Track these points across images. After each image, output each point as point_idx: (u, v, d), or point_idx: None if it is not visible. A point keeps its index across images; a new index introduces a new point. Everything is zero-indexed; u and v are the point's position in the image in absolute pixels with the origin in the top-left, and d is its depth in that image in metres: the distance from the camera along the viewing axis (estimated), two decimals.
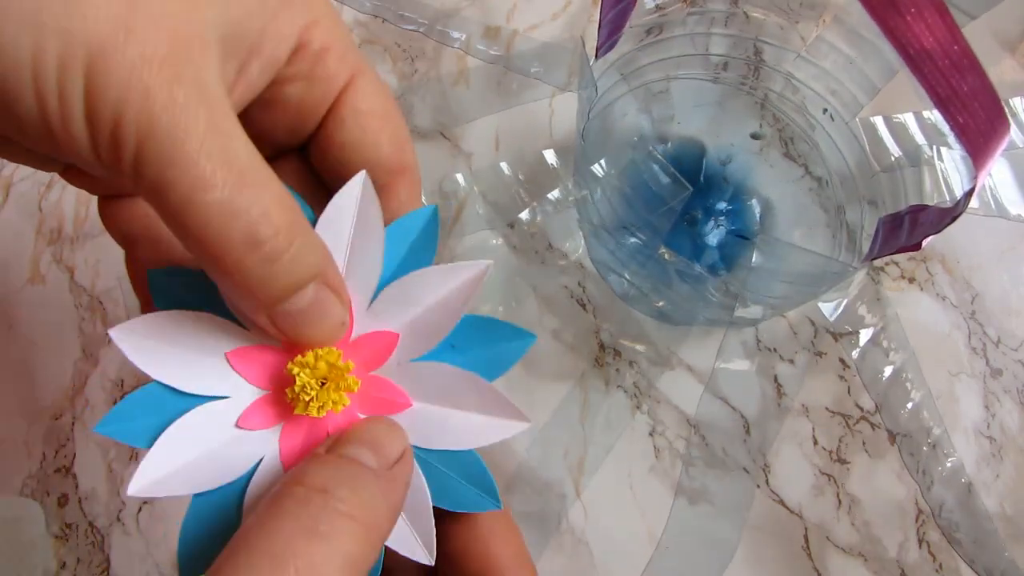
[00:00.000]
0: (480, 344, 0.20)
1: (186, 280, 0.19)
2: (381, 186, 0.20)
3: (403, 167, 0.21)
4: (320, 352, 0.19)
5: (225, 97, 0.15)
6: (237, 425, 0.19)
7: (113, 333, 0.18)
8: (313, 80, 0.19)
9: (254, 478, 0.19)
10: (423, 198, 0.41)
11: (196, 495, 0.19)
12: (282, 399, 0.19)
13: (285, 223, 0.16)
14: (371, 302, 0.20)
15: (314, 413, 0.19)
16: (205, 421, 0.19)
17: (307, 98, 0.19)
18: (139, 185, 0.15)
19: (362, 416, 0.20)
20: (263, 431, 0.20)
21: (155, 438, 0.18)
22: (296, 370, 0.19)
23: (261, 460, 0.20)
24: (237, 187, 0.15)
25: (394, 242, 0.20)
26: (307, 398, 0.19)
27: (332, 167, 0.21)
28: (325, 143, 0.20)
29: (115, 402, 0.40)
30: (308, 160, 0.22)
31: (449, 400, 0.20)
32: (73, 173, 0.19)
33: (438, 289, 0.20)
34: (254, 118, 0.19)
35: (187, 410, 0.19)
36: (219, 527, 0.19)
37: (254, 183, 0.15)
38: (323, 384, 0.19)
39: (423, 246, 0.20)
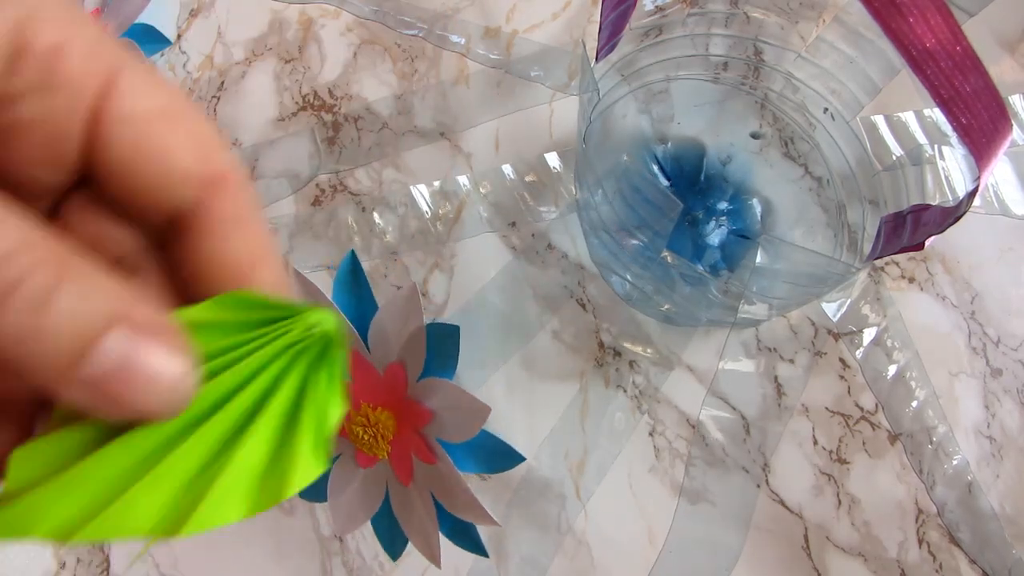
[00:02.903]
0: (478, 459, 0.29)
1: None
2: (194, 206, 0.15)
3: (214, 175, 0.15)
4: (375, 423, 0.28)
5: None
6: None
7: None
8: (51, 89, 0.14)
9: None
10: (426, 196, 0.41)
11: None
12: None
13: (41, 258, 0.12)
14: (418, 379, 0.27)
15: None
16: None
17: (51, 115, 0.14)
18: None
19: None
20: (342, 437, 0.30)
21: None
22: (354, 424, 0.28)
23: (339, 456, 0.31)
24: None
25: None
26: (358, 443, 0.28)
27: (121, 196, 0.15)
28: (100, 171, 0.15)
29: None
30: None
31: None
32: None
33: (458, 403, 0.27)
34: None
35: None
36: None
37: None
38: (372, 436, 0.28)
39: (445, 354, 0.27)
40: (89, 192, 0.16)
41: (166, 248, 0.16)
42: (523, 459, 0.28)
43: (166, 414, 0.14)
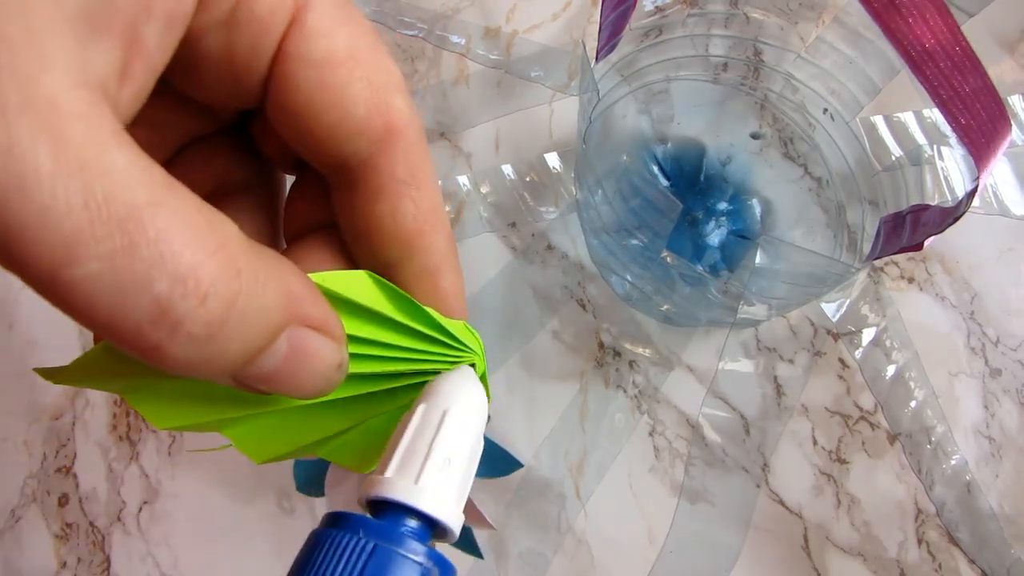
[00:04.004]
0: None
1: None
2: (363, 162, 0.15)
3: (388, 128, 0.15)
4: None
5: (89, 100, 0.10)
6: None
7: None
8: (235, 25, 0.14)
9: None
10: None
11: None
12: None
13: (215, 273, 0.11)
14: None
15: None
16: None
17: (233, 50, 0.14)
18: None
19: None
20: None
21: None
22: None
23: None
24: (126, 245, 0.10)
25: None
26: None
27: (292, 139, 0.15)
28: (275, 114, 0.15)
29: (115, 402, 0.40)
30: (339, 238, 0.17)
31: None
32: None
33: None
34: (170, 86, 0.15)
35: None
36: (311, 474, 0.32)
37: (151, 228, 0.10)
38: None
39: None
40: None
41: (334, 192, 0.16)
42: (521, 465, 0.28)
43: (313, 398, 0.14)
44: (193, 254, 0.10)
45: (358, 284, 0.15)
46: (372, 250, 0.16)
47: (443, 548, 0.29)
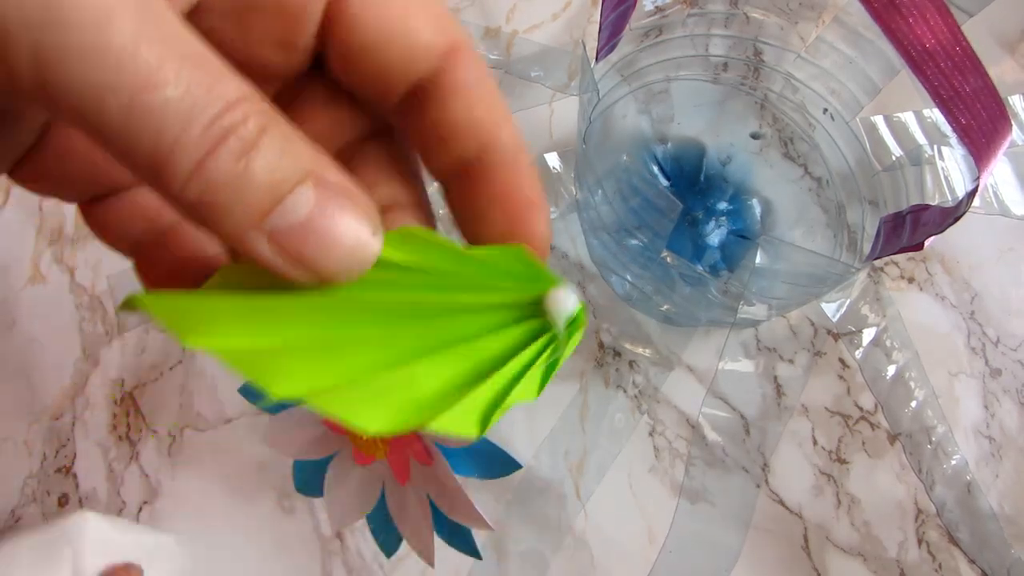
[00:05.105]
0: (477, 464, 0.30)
1: None
2: (434, 75, 0.15)
3: (452, 45, 0.15)
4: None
5: None
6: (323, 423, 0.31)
7: None
8: None
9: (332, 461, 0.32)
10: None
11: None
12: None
13: (256, 102, 0.12)
14: None
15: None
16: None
17: None
18: (55, 107, 0.11)
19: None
20: (339, 435, 0.31)
21: None
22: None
23: (336, 453, 0.31)
24: (196, 76, 0.11)
25: None
26: (356, 442, 0.30)
27: (360, 78, 0.16)
28: (339, 53, 0.15)
29: (115, 402, 0.40)
30: (395, 144, 0.17)
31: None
32: (28, 174, 0.15)
33: None
34: (220, 38, 0.15)
35: None
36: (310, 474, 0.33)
37: (211, 70, 0.12)
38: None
39: None
40: (315, 82, 0.16)
41: (397, 125, 0.17)
42: (520, 467, 0.28)
43: (342, 278, 0.14)
44: (238, 85, 0.12)
45: (419, 233, 0.15)
46: (450, 150, 0.16)
47: (442, 547, 0.29)
